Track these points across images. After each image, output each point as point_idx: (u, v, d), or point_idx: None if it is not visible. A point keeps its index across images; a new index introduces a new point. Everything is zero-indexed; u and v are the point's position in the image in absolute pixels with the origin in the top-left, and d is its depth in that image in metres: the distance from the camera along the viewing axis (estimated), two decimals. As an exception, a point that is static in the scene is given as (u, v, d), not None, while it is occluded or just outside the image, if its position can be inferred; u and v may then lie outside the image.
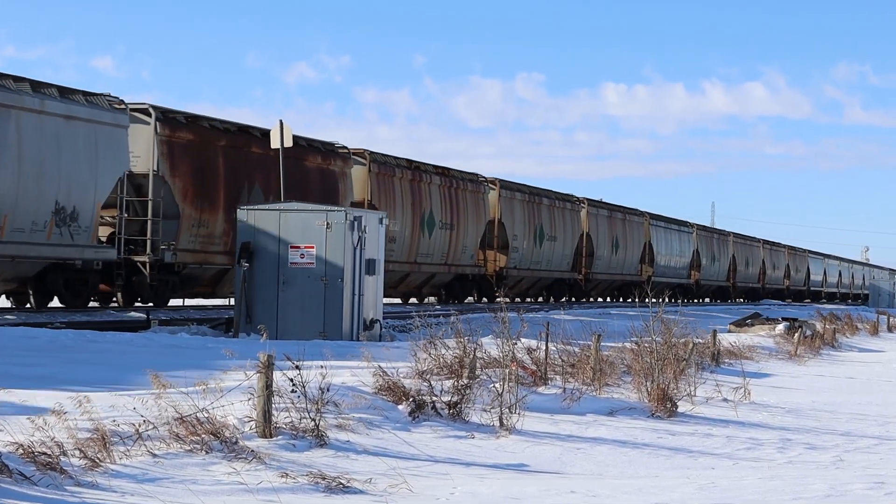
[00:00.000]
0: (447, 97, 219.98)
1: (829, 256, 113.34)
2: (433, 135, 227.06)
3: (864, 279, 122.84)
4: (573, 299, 54.16)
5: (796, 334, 32.47)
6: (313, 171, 32.83)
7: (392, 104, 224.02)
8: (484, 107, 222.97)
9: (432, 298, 44.74)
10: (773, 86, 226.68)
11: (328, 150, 34.04)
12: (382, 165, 37.44)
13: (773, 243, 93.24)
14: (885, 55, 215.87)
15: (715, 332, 26.41)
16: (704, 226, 79.62)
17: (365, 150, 36.53)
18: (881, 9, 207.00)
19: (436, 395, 14.02)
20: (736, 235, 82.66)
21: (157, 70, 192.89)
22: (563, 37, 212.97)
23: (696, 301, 72.97)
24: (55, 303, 26.73)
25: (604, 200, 58.04)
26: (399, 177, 38.26)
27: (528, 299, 52.13)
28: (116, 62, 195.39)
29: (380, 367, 14.39)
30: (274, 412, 11.45)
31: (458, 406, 14.01)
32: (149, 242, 27.24)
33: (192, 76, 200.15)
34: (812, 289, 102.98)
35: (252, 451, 10.57)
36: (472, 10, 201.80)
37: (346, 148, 35.23)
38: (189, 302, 31.85)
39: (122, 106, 26.53)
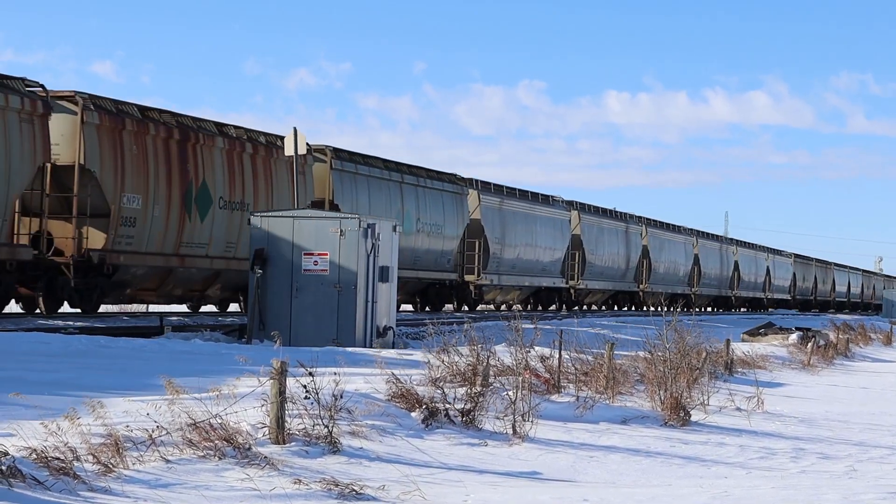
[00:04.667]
0: (448, 104, 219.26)
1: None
2: (435, 142, 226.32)
3: (883, 289, 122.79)
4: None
5: (809, 344, 32.40)
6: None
7: (393, 111, 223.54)
8: (486, 114, 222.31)
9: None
10: (776, 94, 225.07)
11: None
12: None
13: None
14: (885, 64, 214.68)
15: (728, 341, 26.35)
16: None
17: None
18: (880, 18, 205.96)
19: (449, 403, 14.01)
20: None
21: (157, 75, 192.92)
22: (564, 44, 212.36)
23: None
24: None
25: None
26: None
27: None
28: (116, 67, 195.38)
29: (393, 374, 14.39)
30: (287, 419, 11.45)
31: (472, 413, 14.00)
32: None
33: (193, 81, 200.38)
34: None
35: (265, 457, 10.58)
36: (473, 18, 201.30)
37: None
38: (203, 309, 34.14)
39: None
